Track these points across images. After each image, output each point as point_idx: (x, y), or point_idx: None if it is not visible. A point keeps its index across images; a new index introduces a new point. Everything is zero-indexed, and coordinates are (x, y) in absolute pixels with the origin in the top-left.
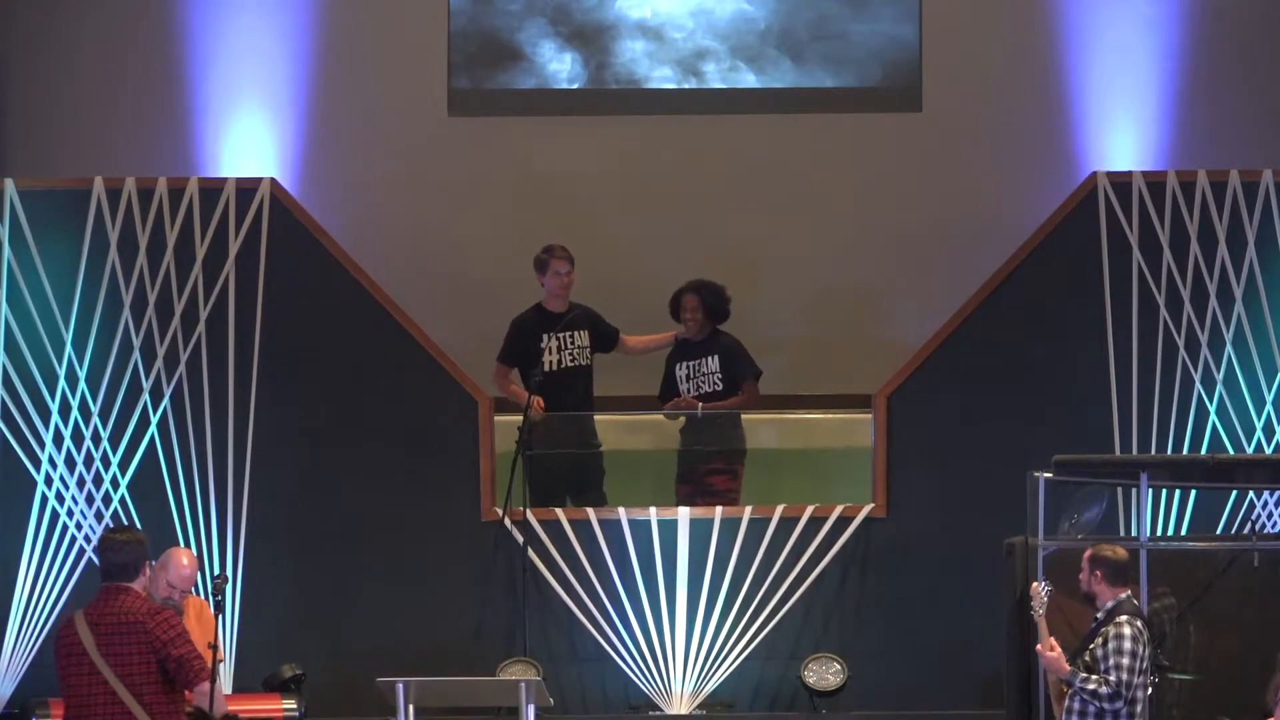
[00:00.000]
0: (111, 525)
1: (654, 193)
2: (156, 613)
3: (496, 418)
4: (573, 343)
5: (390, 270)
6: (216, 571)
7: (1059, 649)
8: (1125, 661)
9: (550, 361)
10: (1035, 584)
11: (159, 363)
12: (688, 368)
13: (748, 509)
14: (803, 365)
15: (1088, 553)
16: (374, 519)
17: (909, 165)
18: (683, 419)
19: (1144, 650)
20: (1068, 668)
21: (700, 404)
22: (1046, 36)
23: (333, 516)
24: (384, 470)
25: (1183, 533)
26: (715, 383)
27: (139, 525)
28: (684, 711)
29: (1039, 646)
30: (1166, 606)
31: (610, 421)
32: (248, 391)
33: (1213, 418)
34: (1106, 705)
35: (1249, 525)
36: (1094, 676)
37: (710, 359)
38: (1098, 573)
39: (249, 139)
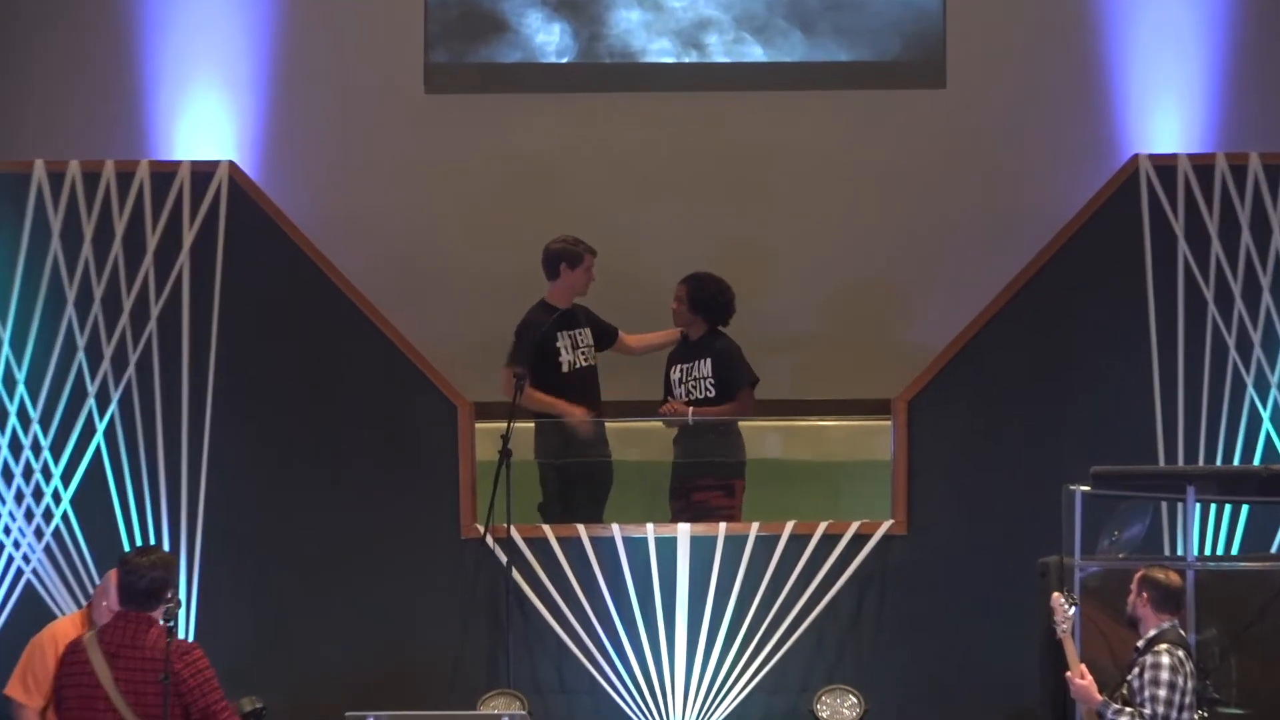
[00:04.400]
0: (138, 546)
1: (651, 178)
2: (186, 652)
3: (478, 424)
4: (583, 339)
5: (361, 262)
6: (168, 595)
7: (1090, 677)
8: (1162, 694)
9: (567, 362)
10: (1056, 595)
11: (105, 364)
12: (681, 370)
13: (754, 526)
14: (814, 367)
15: (1139, 572)
16: (342, 536)
17: (931, 148)
18: (676, 428)
19: (1185, 682)
20: (1099, 698)
21: (691, 410)
22: (1083, 5)
23: (297, 533)
24: (354, 482)
25: (1233, 552)
26: (708, 388)
27: (84, 545)
28: None
29: (1068, 673)
30: (1213, 638)
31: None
32: (203, 396)
33: (1266, 425)
34: None
35: None
36: (1128, 709)
37: (703, 363)
38: (1144, 595)
39: (205, 118)
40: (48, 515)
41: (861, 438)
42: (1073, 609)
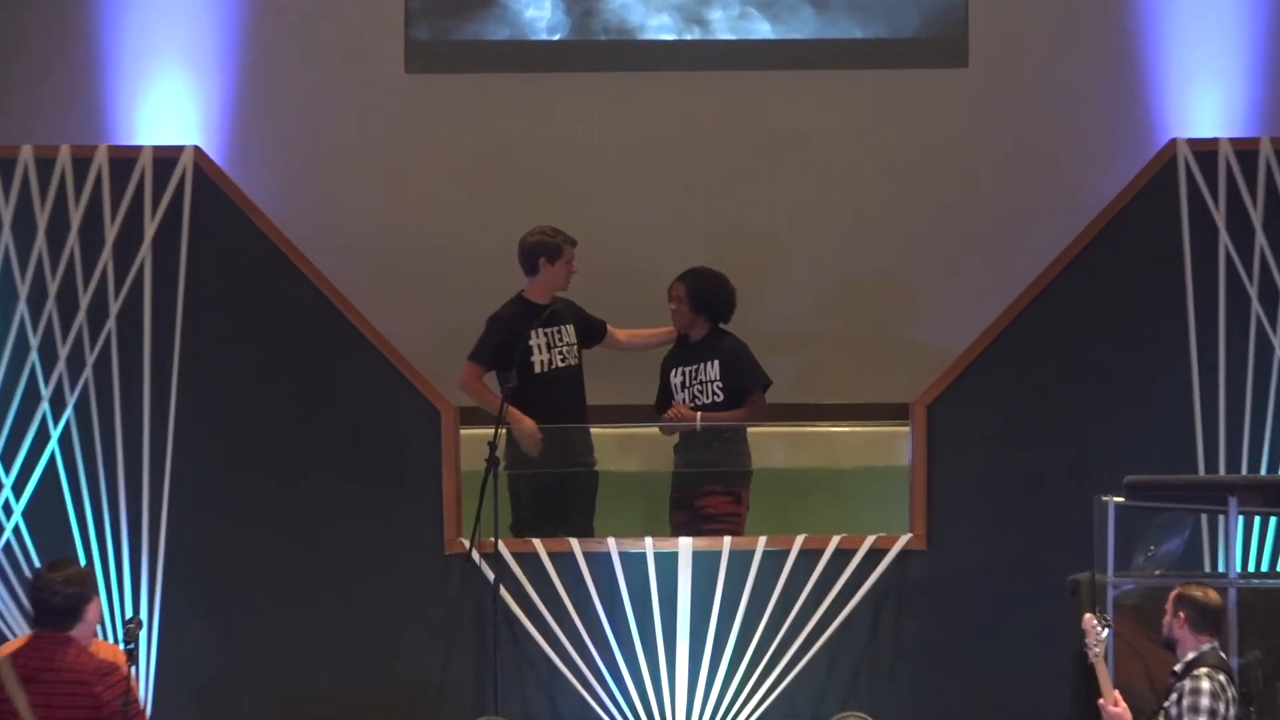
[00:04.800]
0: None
1: (649, 165)
2: (106, 673)
3: (463, 430)
4: (561, 339)
5: (337, 255)
6: (129, 614)
7: (1124, 704)
8: None
9: (540, 362)
10: (1089, 616)
11: (60, 365)
12: (684, 374)
13: (761, 540)
14: (825, 368)
15: (1175, 591)
16: (316, 551)
17: (951, 132)
18: (677, 435)
19: (1227, 709)
20: None
21: (699, 414)
22: None
23: (267, 548)
24: (329, 493)
25: (1279, 568)
26: (715, 392)
27: (36, 560)
28: None
29: (1101, 700)
30: (1257, 660)
31: (594, 436)
32: (166, 400)
33: None
34: None
35: None
36: None
37: (710, 365)
38: (1181, 614)
39: (168, 100)
40: None
41: (877, 445)
42: (1106, 630)
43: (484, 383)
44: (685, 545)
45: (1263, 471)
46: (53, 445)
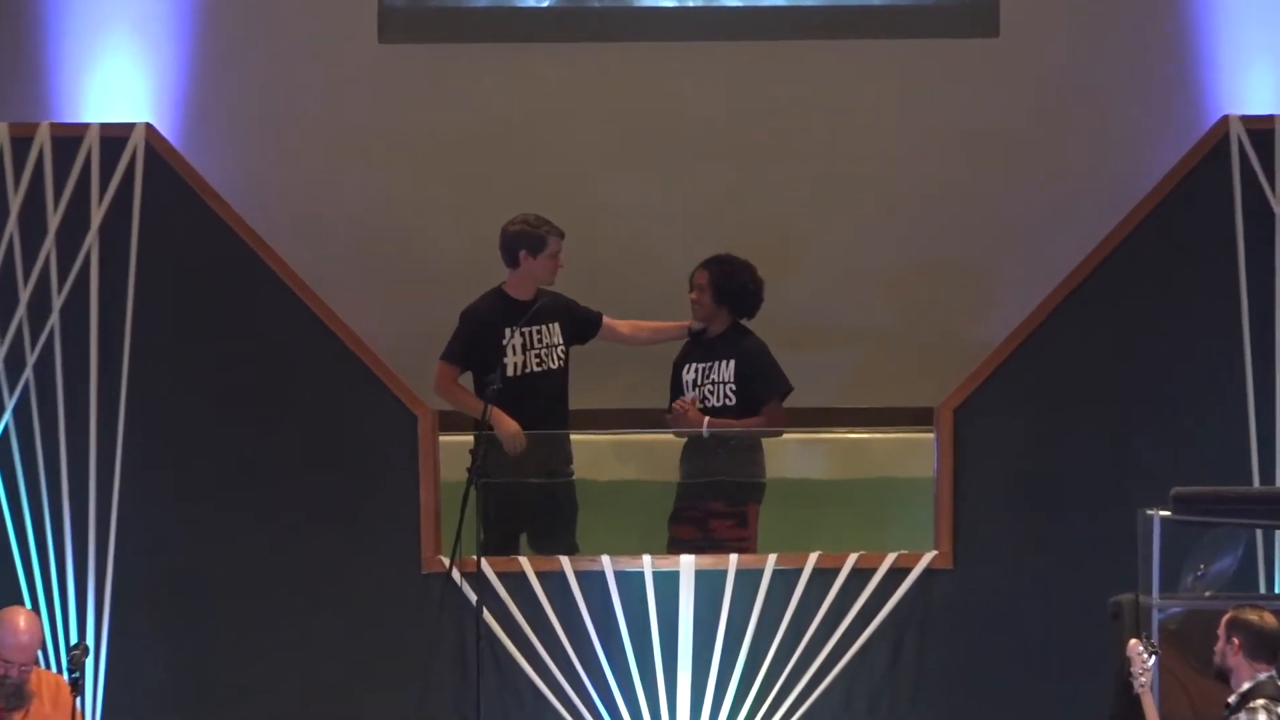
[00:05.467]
0: None
1: (649, 145)
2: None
3: (442, 437)
4: (541, 340)
5: (303, 244)
6: (74, 641)
7: None
8: None
9: (514, 364)
10: (1133, 642)
11: None
12: (696, 370)
13: (771, 558)
14: (844, 368)
15: (1228, 615)
16: (281, 571)
17: (980, 108)
18: (684, 440)
19: None
20: None
21: (708, 419)
22: None
23: (227, 568)
24: (294, 507)
25: None
26: (727, 395)
27: None
28: None
29: None
30: None
31: (585, 442)
32: (115, 404)
33: None
34: None
35: None
36: None
37: (724, 365)
38: (1235, 641)
39: (117, 72)
40: None
41: (899, 453)
42: (1152, 658)
43: (460, 384)
44: (687, 563)
45: None
46: None
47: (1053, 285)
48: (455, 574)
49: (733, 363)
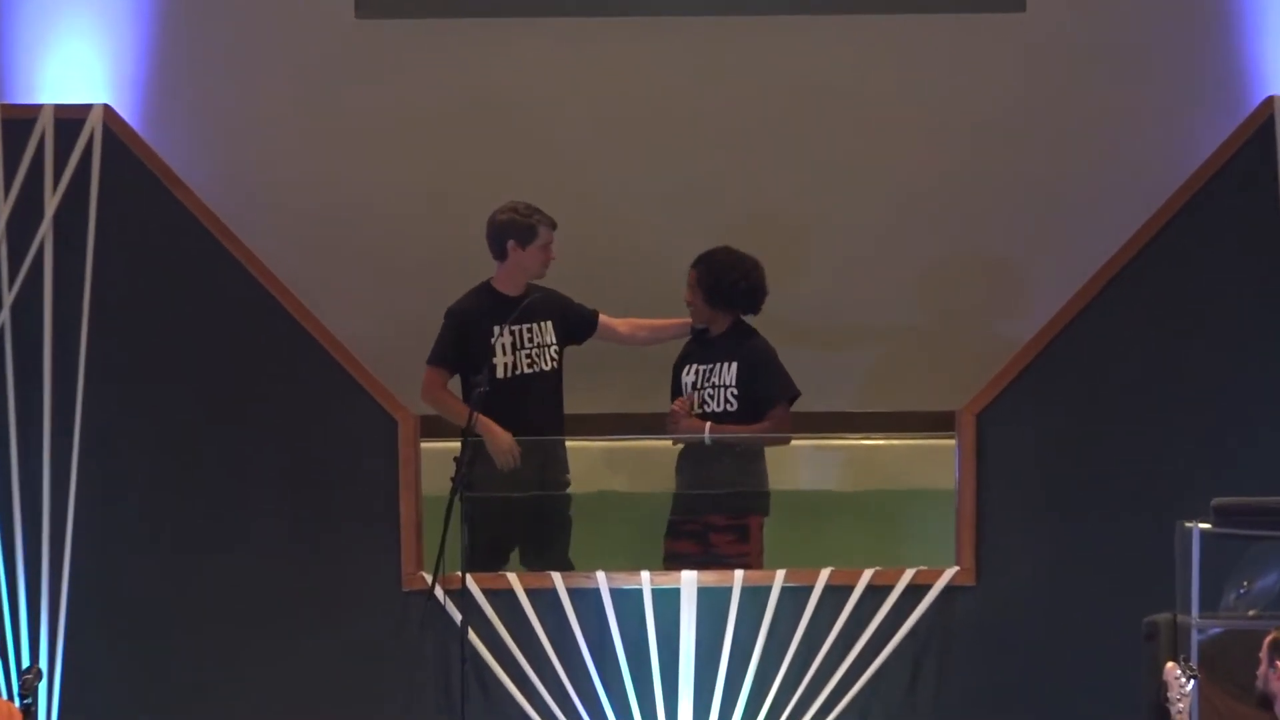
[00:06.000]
0: None
1: (652, 128)
2: None
3: (424, 444)
4: (532, 339)
5: (274, 234)
6: (25, 664)
7: None
8: None
9: (503, 365)
10: (1170, 665)
11: None
12: (697, 372)
13: (779, 575)
14: (858, 369)
15: (1271, 635)
16: (249, 590)
17: (1006, 87)
18: (681, 445)
19: None
20: None
21: (709, 424)
22: None
23: (192, 585)
24: (265, 519)
25: None
26: (729, 400)
27: None
28: None
29: None
30: None
31: (579, 449)
32: (71, 408)
33: None
34: None
35: None
36: None
37: (726, 367)
38: (1279, 664)
39: (74, 51)
40: None
41: (917, 461)
42: (1191, 682)
43: (449, 389)
44: (689, 581)
45: None
46: None
47: (1084, 279)
48: (438, 592)
49: (735, 365)
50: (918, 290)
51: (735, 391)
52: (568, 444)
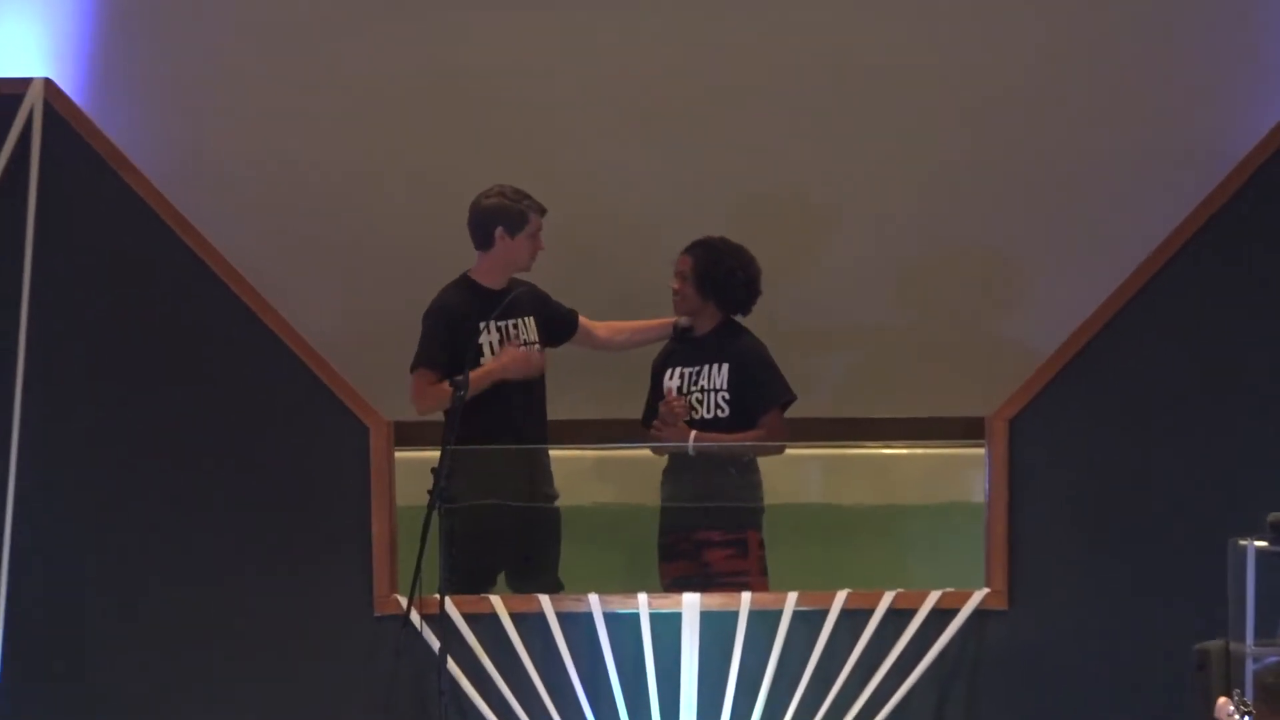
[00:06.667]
0: None
1: (647, 105)
2: None
3: (399, 453)
4: (517, 336)
5: (232, 220)
6: None
7: None
8: None
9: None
10: (1223, 700)
11: None
12: (683, 376)
13: (791, 598)
14: (878, 372)
15: None
16: (207, 614)
17: (1043, 57)
18: (666, 457)
19: None
20: None
21: (694, 432)
22: None
23: (141, 607)
24: (222, 537)
25: None
26: (719, 405)
27: None
28: None
29: None
30: None
31: (563, 459)
32: (8, 409)
33: None
34: None
35: None
36: None
37: (715, 369)
38: None
39: (12, 22)
40: None
41: (942, 472)
42: (1245, 718)
43: (439, 396)
44: (690, 604)
45: None
46: None
47: (1126, 273)
48: (414, 616)
49: (725, 366)
50: (935, 286)
51: (727, 396)
52: (560, 453)
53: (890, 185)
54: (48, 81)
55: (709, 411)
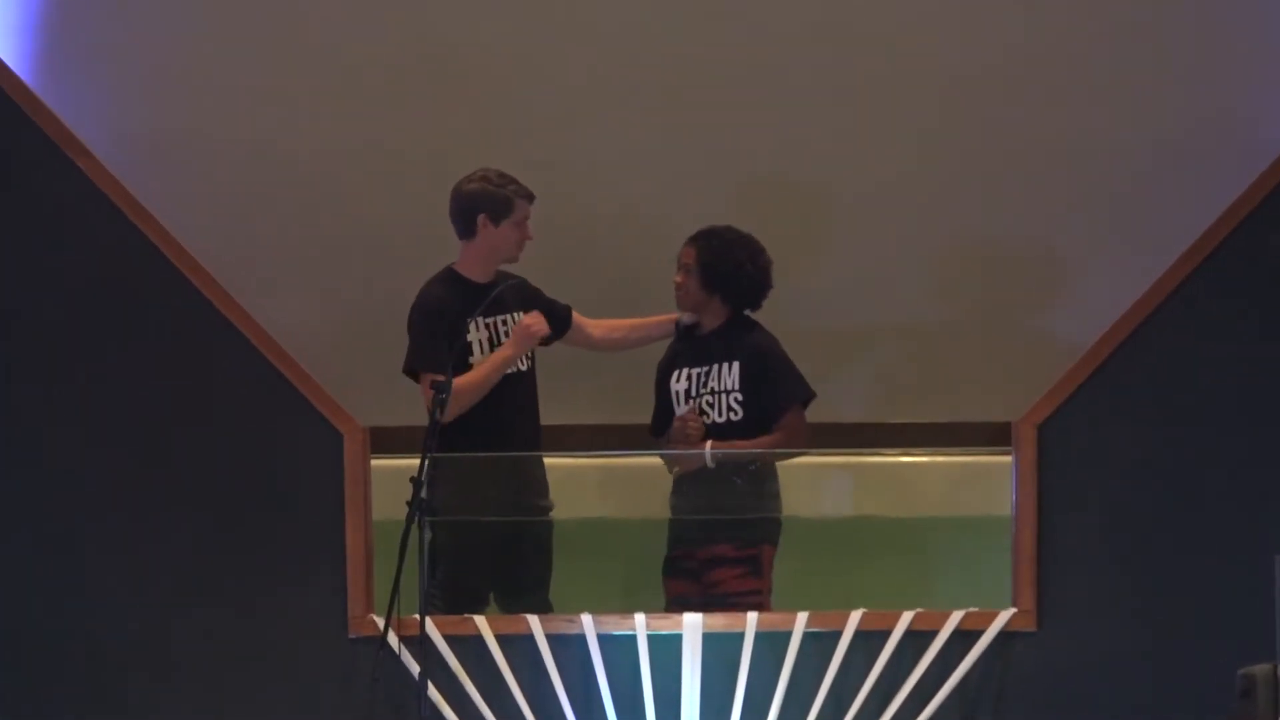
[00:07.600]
0: None
1: (646, 82)
2: None
3: (375, 461)
4: (506, 333)
5: (194, 208)
6: None
7: None
8: None
9: (476, 365)
10: None
11: None
12: (690, 378)
13: (801, 618)
14: (898, 374)
15: None
16: (169, 633)
17: (1079, 34)
18: (678, 468)
19: None
20: None
21: (710, 442)
22: None
23: (100, 629)
24: (181, 552)
25: None
26: (732, 406)
27: None
28: None
29: None
30: None
31: (556, 467)
32: None
33: None
34: None
35: None
36: None
37: (726, 368)
38: None
39: None
40: None
41: (966, 482)
42: None
43: (455, 383)
44: (692, 624)
45: None
46: None
47: (1163, 268)
48: (392, 638)
49: (736, 365)
50: (961, 281)
51: (739, 397)
52: (553, 460)
53: (912, 174)
54: None
55: (721, 415)
